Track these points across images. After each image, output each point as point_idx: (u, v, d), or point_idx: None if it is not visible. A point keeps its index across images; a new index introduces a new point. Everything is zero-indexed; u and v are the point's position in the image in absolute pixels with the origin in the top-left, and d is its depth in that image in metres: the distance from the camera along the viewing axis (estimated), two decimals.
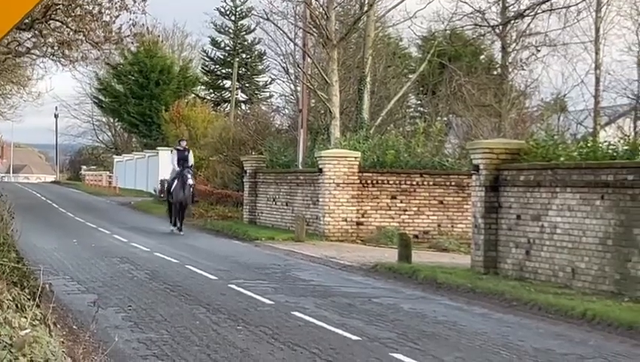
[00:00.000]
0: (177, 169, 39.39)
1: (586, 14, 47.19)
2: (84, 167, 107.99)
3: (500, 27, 45.06)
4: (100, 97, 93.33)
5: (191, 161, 40.03)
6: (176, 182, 39.23)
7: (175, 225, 39.38)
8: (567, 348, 15.01)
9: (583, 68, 49.10)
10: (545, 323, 17.68)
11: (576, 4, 43.44)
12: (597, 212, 21.55)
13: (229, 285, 21.91)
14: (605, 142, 26.96)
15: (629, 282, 20.31)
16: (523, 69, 50.83)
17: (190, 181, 38.78)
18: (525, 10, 38.40)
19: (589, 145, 26.87)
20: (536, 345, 15.06)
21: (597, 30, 47.20)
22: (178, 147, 40.80)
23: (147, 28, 43.74)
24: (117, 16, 40.75)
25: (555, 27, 49.10)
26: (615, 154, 24.45)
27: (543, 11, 40.24)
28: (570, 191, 22.58)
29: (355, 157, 37.19)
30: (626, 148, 24.82)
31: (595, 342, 15.64)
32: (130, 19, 41.65)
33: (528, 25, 46.23)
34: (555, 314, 18.55)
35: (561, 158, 24.77)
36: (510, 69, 49.09)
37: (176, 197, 38.90)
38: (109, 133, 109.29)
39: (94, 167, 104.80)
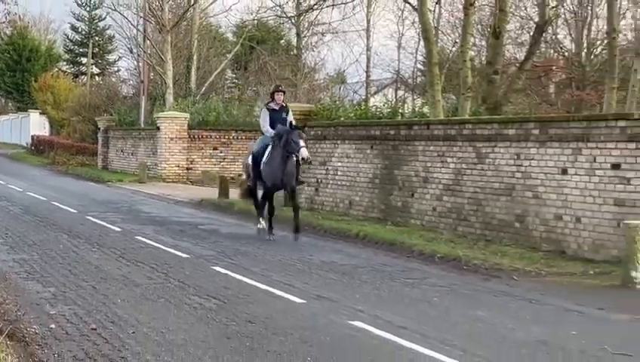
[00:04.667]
0: (273, 133, 18.32)
1: (360, 9, 47.87)
2: None
3: (295, 18, 45.22)
4: None
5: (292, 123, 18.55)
6: (268, 152, 18.40)
7: (268, 218, 18.54)
8: (346, 260, 15.23)
9: (357, 50, 49.93)
10: (329, 242, 17.90)
11: (352, 1, 43.86)
12: (368, 158, 21.93)
13: (87, 217, 21.58)
14: (374, 106, 27.52)
15: (391, 210, 20.76)
16: (313, 51, 51.28)
17: (304, 152, 17.42)
18: (314, 4, 38.67)
19: (362, 108, 27.38)
20: (323, 259, 15.25)
21: (368, 21, 47.96)
22: (270, 104, 18.98)
23: (19, 16, 42.88)
24: None
25: (337, 18, 49.74)
26: (381, 115, 24.94)
27: (327, 6, 40.57)
28: (348, 143, 22.89)
29: (185, 118, 37.44)
30: (388, 110, 25.39)
31: (366, 255, 15.92)
32: (5, 9, 41.77)
33: (316, 16, 46.55)
34: (336, 236, 18.81)
35: (342, 118, 25.14)
36: (303, 50, 49.35)
37: (274, 178, 18.23)
38: None
39: None
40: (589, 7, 38.77)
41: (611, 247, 14.69)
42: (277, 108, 18.66)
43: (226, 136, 37.51)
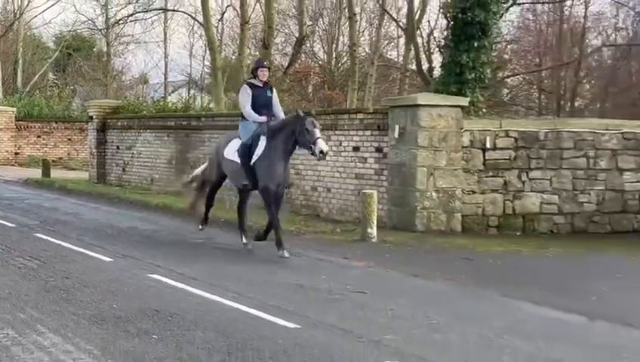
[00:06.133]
0: (261, 118, 11.68)
1: (158, 24, 46.98)
2: None
3: (105, 30, 43.99)
4: None
5: (278, 107, 11.99)
6: (264, 145, 11.47)
7: (267, 234, 11.82)
8: (148, 226, 14.96)
9: (157, 57, 49.09)
10: (135, 212, 17.47)
11: (151, 17, 42.97)
12: (165, 144, 21.62)
13: None
14: (170, 102, 27.12)
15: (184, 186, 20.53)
16: (120, 57, 50.03)
17: (323, 145, 10.98)
18: (119, 19, 37.74)
19: (161, 104, 26.93)
20: (129, 225, 14.92)
21: (165, 34, 47.15)
22: (252, 80, 12.10)
23: None
24: None
25: (140, 31, 48.67)
26: (176, 109, 24.61)
27: (131, 21, 39.72)
28: (149, 132, 22.51)
29: (13, 112, 35.89)
30: (182, 106, 25.07)
31: (164, 222, 15.63)
32: None
33: (122, 29, 45.46)
34: (141, 206, 18.43)
35: (144, 112, 24.67)
36: (112, 57, 48.05)
37: (274, 178, 11.35)
38: None
39: None
40: (337, 26, 39.64)
41: (353, 211, 15.13)
42: (260, 84, 11.91)
43: (48, 127, 36.19)
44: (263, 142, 11.53)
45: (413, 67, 29.83)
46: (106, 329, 7.05)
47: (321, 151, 10.95)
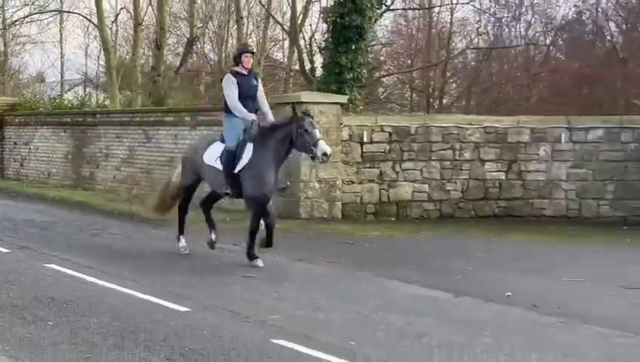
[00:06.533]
0: (251, 116, 9.66)
1: (54, 25, 45.35)
2: None
3: (2, 30, 42.19)
4: None
5: (263, 99, 9.98)
6: (251, 150, 9.58)
7: (253, 237, 9.62)
8: (45, 218, 14.44)
9: (53, 56, 47.55)
10: (32, 204, 16.88)
11: (46, 19, 41.40)
12: (62, 139, 20.99)
13: None
14: (67, 100, 26.34)
15: (81, 179, 19.99)
16: (17, 57, 47.98)
17: (325, 146, 9.22)
18: (16, 20, 36.26)
19: (57, 101, 26.15)
20: (26, 218, 14.34)
21: (61, 34, 45.67)
22: (235, 68, 9.90)
23: None
24: None
25: (36, 31, 46.87)
26: (72, 106, 23.91)
27: (27, 22, 38.17)
28: (46, 128, 21.82)
29: None
30: (78, 103, 24.38)
31: (61, 214, 15.15)
32: None
33: (19, 29, 43.71)
34: (37, 199, 17.81)
35: (41, 109, 23.91)
36: (9, 56, 46.10)
37: (264, 188, 9.46)
38: None
39: None
40: (226, 29, 39.32)
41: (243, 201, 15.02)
42: (245, 72, 9.87)
43: None
44: (250, 149, 9.66)
45: (297, 67, 29.90)
46: (2, 317, 6.77)
47: (324, 154, 9.20)
